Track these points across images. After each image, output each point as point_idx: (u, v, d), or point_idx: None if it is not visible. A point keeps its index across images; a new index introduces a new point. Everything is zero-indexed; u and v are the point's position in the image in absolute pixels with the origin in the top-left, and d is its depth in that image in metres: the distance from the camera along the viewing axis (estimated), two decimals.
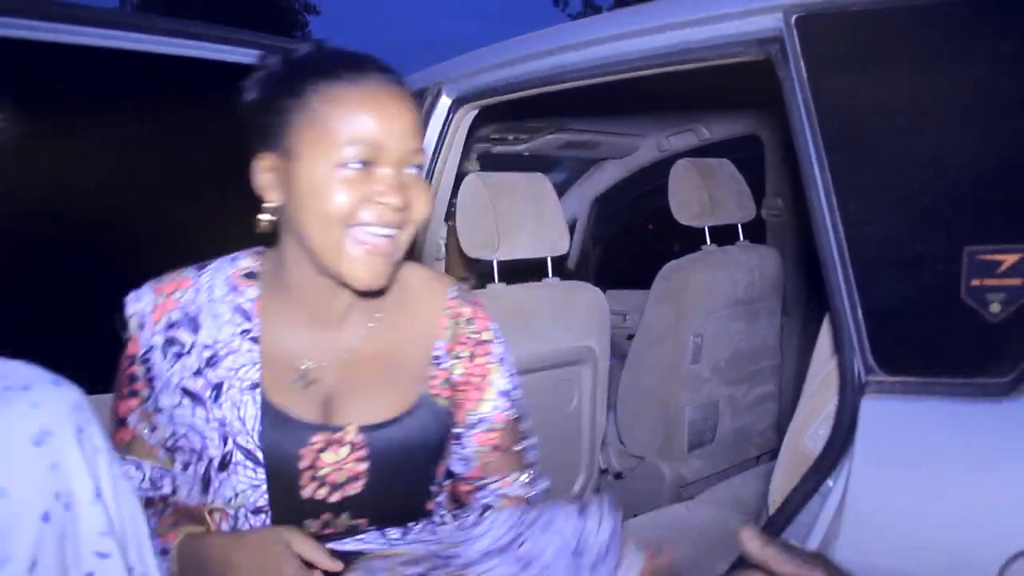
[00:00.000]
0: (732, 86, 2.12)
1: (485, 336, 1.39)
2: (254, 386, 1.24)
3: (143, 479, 1.27)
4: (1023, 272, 1.18)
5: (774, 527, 1.42)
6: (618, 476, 3.02)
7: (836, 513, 1.30)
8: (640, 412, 2.90)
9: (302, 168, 1.16)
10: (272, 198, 1.23)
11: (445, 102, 2.32)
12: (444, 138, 2.32)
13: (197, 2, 18.20)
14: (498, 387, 1.39)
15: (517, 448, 1.41)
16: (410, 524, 1.27)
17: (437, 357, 1.36)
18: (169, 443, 1.25)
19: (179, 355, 1.24)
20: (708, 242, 2.87)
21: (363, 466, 1.25)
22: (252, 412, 1.22)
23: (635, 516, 2.60)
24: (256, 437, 1.22)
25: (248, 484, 1.21)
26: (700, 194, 2.79)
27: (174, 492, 1.27)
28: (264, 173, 1.22)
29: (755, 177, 3.32)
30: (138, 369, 1.25)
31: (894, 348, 1.30)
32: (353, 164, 1.15)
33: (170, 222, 2.09)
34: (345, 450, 1.24)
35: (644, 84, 1.97)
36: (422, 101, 2.30)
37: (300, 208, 1.18)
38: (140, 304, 1.26)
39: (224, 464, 1.22)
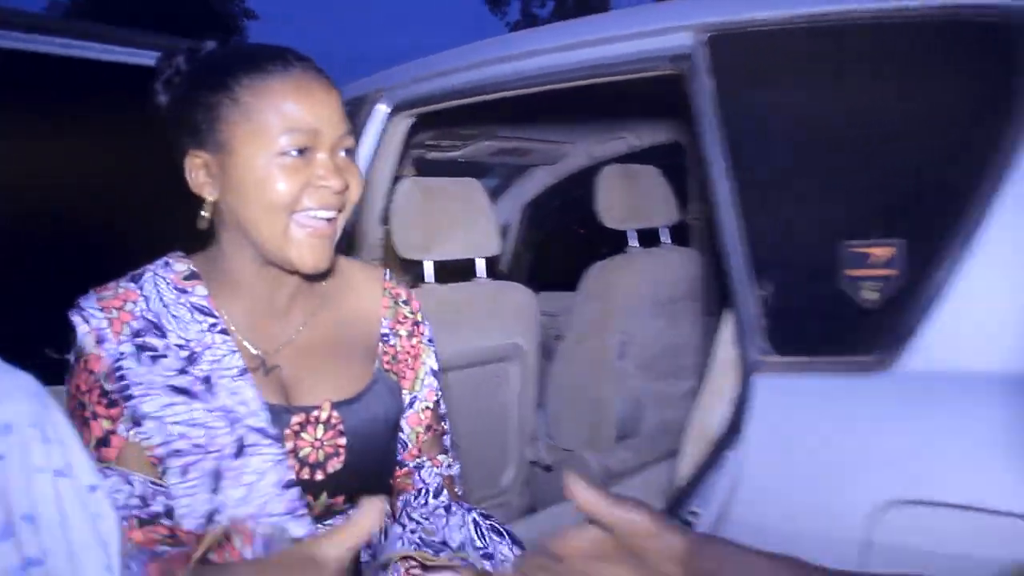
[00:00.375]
0: (658, 96, 2.26)
1: (418, 317, 1.46)
2: (243, 371, 1.23)
3: (129, 495, 1.15)
4: (891, 263, 1.35)
5: (682, 499, 1.55)
6: (547, 469, 3.13)
7: (735, 482, 1.44)
8: (568, 407, 3.03)
9: (240, 161, 1.17)
10: (208, 194, 1.22)
11: (382, 110, 2.42)
12: (381, 144, 2.42)
13: (129, 8, 17.96)
14: (429, 366, 1.44)
15: (442, 428, 1.47)
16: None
17: (384, 335, 1.40)
18: (160, 451, 1.17)
19: (155, 358, 1.20)
20: (633, 245, 3.02)
21: (342, 441, 1.27)
22: (251, 395, 1.22)
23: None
24: (265, 414, 1.21)
25: (272, 460, 1.20)
26: (626, 199, 2.93)
27: (168, 514, 1.17)
28: (198, 170, 1.22)
29: (684, 183, 3.46)
30: (109, 384, 1.17)
31: (784, 332, 1.45)
32: (291, 152, 1.16)
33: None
34: (321, 428, 1.26)
35: (574, 94, 2.08)
36: (360, 109, 2.41)
37: (242, 201, 1.19)
38: (93, 322, 1.19)
39: (239, 450, 1.19)
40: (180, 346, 1.21)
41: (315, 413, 1.26)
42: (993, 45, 1.35)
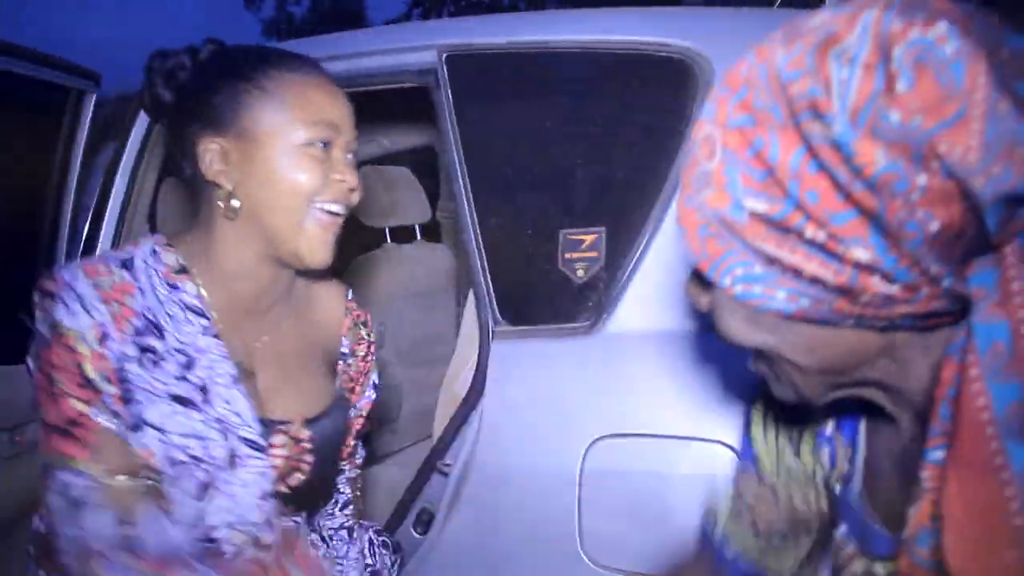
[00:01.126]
0: (412, 104, 2.45)
1: (372, 337, 1.52)
2: (235, 380, 1.22)
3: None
4: (598, 247, 1.65)
5: (437, 455, 1.79)
6: None
7: (477, 434, 1.69)
8: None
9: (264, 150, 1.18)
10: (224, 182, 1.20)
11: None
12: (148, 143, 2.43)
13: None
14: (372, 380, 1.52)
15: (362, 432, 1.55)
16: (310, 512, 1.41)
17: (344, 354, 1.44)
18: (157, 461, 1.15)
19: (156, 362, 1.16)
20: (388, 241, 3.23)
21: (308, 457, 1.29)
22: (243, 405, 1.21)
23: None
24: (257, 425, 1.22)
25: (258, 472, 1.21)
26: (381, 198, 3.14)
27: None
28: (213, 157, 1.20)
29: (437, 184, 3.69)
30: (111, 387, 1.13)
31: (515, 305, 1.72)
32: (315, 144, 1.18)
33: None
34: (292, 443, 1.27)
35: None
36: (129, 107, 2.42)
37: (261, 188, 1.18)
38: (94, 316, 1.13)
39: (231, 460, 1.18)
40: (177, 350, 1.19)
41: (289, 428, 1.27)
42: (672, 75, 1.67)
